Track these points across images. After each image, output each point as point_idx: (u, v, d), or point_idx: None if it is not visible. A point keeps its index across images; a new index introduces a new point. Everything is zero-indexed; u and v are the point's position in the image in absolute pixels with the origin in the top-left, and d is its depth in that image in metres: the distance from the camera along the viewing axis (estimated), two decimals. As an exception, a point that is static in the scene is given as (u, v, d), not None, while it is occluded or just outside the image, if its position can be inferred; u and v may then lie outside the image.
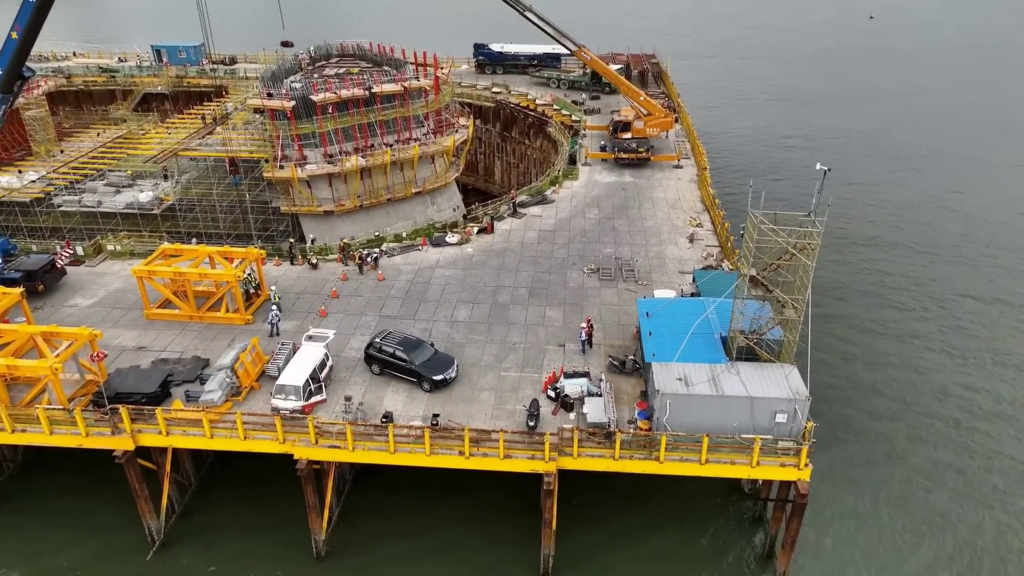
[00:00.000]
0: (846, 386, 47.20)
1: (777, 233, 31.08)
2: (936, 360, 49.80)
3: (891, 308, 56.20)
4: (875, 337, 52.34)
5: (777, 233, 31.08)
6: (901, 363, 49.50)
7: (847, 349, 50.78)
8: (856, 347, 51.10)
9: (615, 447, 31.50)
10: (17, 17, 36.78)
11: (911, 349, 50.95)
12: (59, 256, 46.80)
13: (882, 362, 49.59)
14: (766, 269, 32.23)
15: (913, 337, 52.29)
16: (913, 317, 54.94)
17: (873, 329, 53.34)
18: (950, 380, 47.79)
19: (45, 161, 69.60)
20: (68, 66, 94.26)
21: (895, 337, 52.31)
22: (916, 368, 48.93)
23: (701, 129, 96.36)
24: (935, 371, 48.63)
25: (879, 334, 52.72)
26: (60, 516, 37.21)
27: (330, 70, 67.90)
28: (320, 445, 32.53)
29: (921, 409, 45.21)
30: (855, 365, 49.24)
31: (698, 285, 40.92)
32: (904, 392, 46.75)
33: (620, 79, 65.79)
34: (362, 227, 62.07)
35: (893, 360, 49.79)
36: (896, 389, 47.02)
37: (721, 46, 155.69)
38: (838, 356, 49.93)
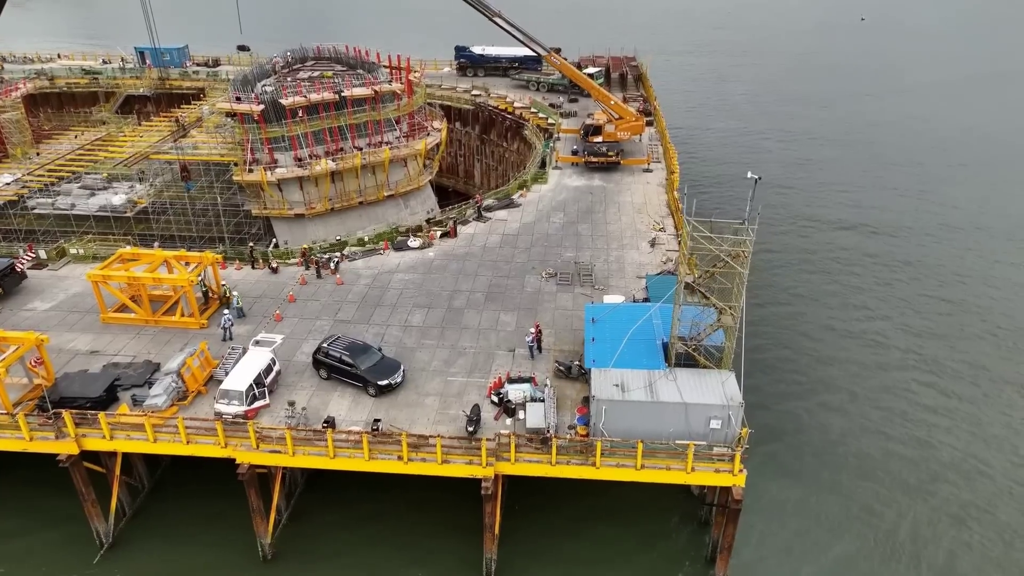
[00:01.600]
0: (791, 386, 47.70)
1: (711, 240, 31.29)
2: (881, 358, 50.83)
3: (851, 308, 56.87)
4: (825, 337, 53.05)
5: (711, 240, 31.29)
6: (847, 360, 50.33)
7: (798, 349, 51.42)
8: (804, 348, 51.75)
9: (551, 452, 31.76)
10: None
11: (856, 347, 51.76)
12: (20, 260, 47.16)
13: (831, 359, 50.39)
14: (702, 276, 32.41)
15: (858, 336, 53.13)
16: (859, 317, 55.80)
17: (824, 329, 53.91)
18: (893, 378, 48.55)
19: (21, 163, 70.00)
20: (51, 68, 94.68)
21: (841, 335, 53.21)
22: (863, 366, 49.78)
23: (680, 131, 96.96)
24: (880, 368, 49.52)
25: (829, 335, 53.40)
26: (14, 516, 37.50)
27: (304, 73, 68.27)
28: (262, 450, 32.83)
29: (868, 407, 45.92)
30: (805, 364, 49.89)
31: (648, 290, 41.15)
32: (849, 390, 47.54)
33: (591, 83, 66.00)
34: (334, 230, 62.42)
35: (838, 357, 50.62)
36: (839, 387, 47.88)
37: (707, 48, 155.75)
38: (800, 356, 50.48)
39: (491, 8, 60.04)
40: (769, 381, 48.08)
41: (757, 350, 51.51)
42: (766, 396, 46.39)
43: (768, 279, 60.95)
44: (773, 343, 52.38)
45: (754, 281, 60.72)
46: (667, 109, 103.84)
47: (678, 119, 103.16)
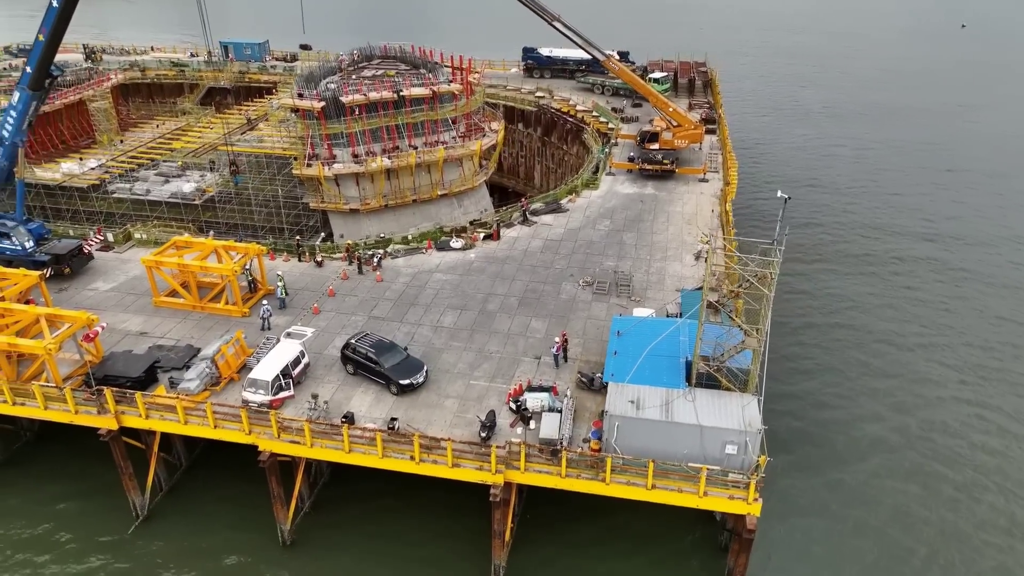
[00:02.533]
0: (834, 410, 45.69)
1: (735, 260, 30.37)
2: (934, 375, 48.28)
3: (910, 326, 54.19)
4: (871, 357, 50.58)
5: (735, 260, 30.37)
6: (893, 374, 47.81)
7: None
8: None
9: (561, 465, 31.55)
10: (43, 21, 40.01)
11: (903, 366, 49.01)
12: (88, 242, 50.20)
13: (882, 381, 48.11)
14: (726, 295, 31.50)
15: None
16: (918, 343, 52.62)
17: (881, 344, 51.36)
18: (949, 411, 45.59)
19: (106, 150, 74.47)
20: (143, 60, 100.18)
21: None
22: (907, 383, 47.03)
23: (749, 137, 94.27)
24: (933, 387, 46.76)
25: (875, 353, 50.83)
26: (60, 482, 40.02)
27: (368, 72, 69.85)
28: (282, 439, 33.93)
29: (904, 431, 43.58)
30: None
31: (682, 305, 40.24)
32: (897, 419, 45.09)
33: (649, 89, 64.90)
34: (388, 226, 63.78)
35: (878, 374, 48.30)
36: (885, 414, 45.70)
37: (788, 53, 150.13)
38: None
39: (549, 12, 59.83)
40: (810, 402, 46.26)
41: (797, 360, 49.92)
42: (804, 416, 44.75)
43: (820, 289, 58.95)
44: (821, 353, 50.61)
45: (806, 290, 59.20)
46: (738, 115, 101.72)
47: (749, 125, 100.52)
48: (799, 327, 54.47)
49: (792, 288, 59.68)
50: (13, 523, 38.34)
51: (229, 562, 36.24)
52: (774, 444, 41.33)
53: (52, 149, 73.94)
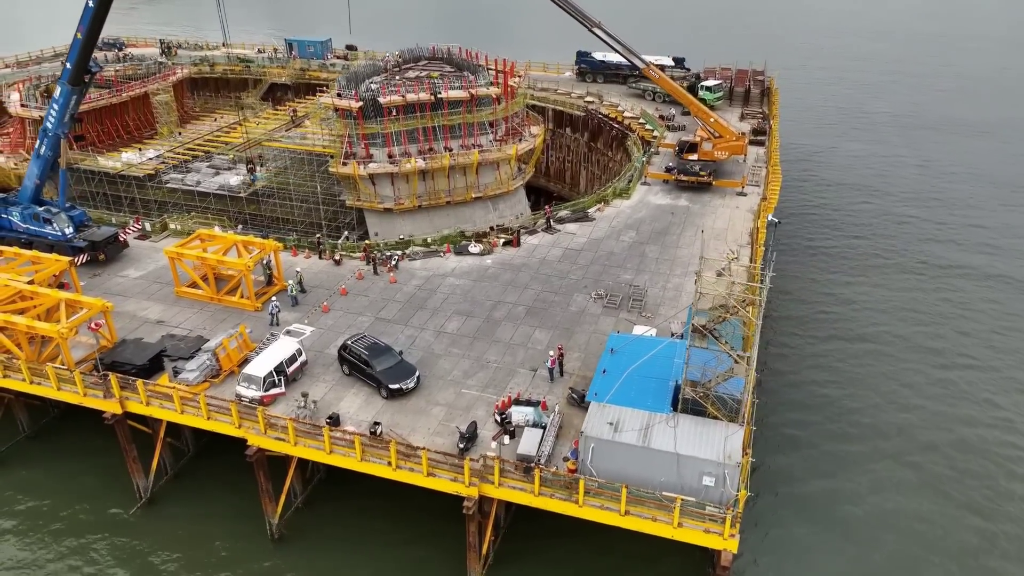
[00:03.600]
0: (844, 441, 43.08)
1: (720, 284, 29.06)
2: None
3: (946, 354, 50.44)
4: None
5: (720, 284, 29.06)
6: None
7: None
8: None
9: (534, 482, 30.95)
10: (80, 21, 42.10)
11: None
12: (125, 230, 52.52)
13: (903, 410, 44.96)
14: (713, 320, 30.18)
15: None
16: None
17: (914, 374, 48.12)
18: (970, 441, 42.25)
19: (165, 141, 77.86)
20: (213, 55, 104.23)
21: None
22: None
23: (807, 148, 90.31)
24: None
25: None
26: (72, 460, 42.00)
27: (412, 72, 70.56)
28: (269, 435, 34.58)
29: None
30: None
31: (687, 325, 38.77)
32: (910, 456, 42.03)
33: (690, 98, 63.01)
34: (421, 226, 64.27)
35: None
36: (893, 449, 42.43)
37: (863, 60, 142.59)
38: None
39: (590, 18, 58.89)
40: (822, 430, 43.95)
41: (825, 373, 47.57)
42: (809, 447, 42.64)
43: (850, 312, 56.11)
44: (852, 372, 48.21)
45: (834, 312, 56.48)
46: (798, 126, 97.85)
47: (808, 136, 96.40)
48: (825, 338, 52.31)
49: (824, 302, 57.33)
50: (31, 493, 40.59)
51: (217, 550, 37.22)
52: (778, 473, 39.81)
53: (117, 139, 77.72)
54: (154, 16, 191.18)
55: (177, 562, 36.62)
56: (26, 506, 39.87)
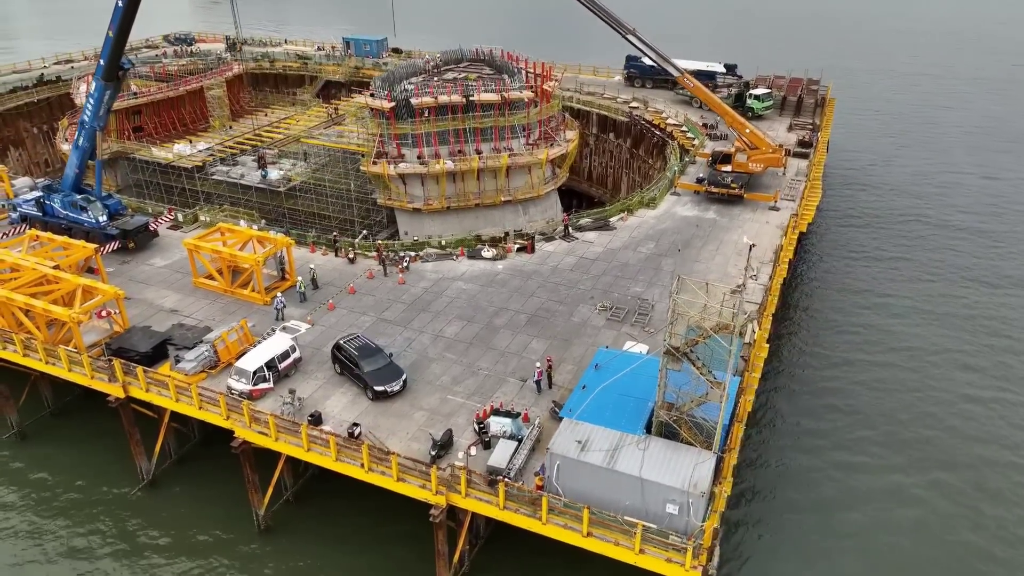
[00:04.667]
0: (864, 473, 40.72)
1: (693, 307, 27.99)
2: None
3: (979, 377, 47.11)
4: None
5: (693, 307, 27.99)
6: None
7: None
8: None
9: (499, 495, 30.61)
10: (111, 20, 44.03)
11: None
12: (157, 220, 54.69)
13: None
14: (688, 342, 29.10)
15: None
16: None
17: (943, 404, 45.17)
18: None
19: (217, 135, 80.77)
20: (274, 52, 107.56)
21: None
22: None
23: (861, 163, 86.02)
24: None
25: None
26: (100, 437, 43.90)
27: (451, 74, 70.87)
28: (253, 429, 35.37)
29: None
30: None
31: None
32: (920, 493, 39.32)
33: (725, 108, 61.00)
34: (450, 227, 64.60)
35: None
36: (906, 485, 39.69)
37: (939, 71, 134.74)
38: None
39: (624, 25, 57.78)
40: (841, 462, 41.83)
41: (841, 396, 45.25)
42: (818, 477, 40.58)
43: (885, 325, 53.35)
44: (879, 392, 45.90)
45: (873, 325, 53.80)
46: (855, 137, 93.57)
47: (865, 148, 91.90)
48: (842, 362, 49.91)
49: (857, 316, 54.87)
50: (45, 466, 42.91)
51: (206, 534, 38.39)
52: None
53: (172, 131, 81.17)
54: (228, 13, 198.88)
55: (165, 542, 38.02)
56: (38, 477, 42.15)
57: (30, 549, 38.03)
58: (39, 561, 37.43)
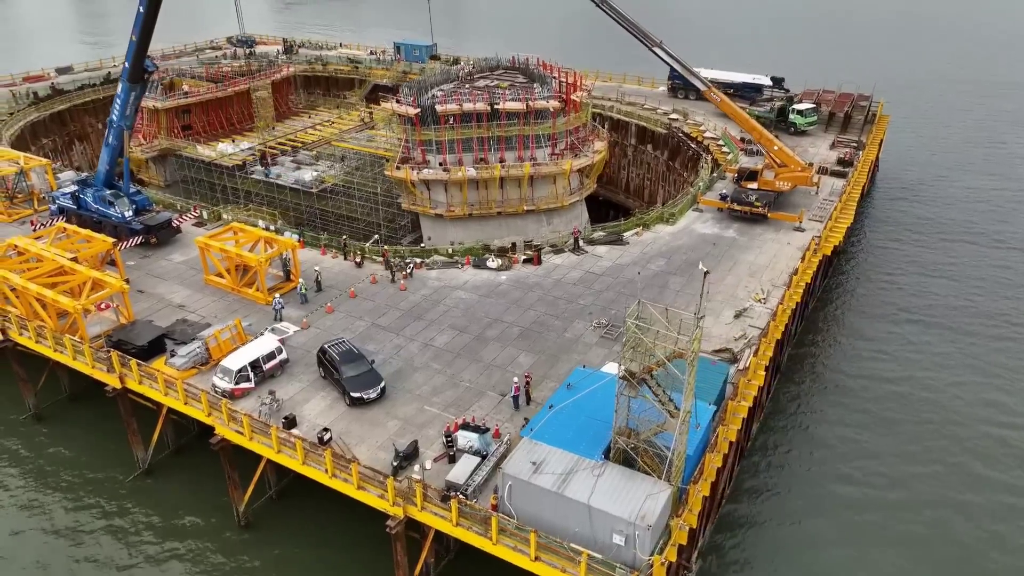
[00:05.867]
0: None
1: (646, 332, 26.99)
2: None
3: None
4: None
5: (646, 332, 26.99)
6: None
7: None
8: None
9: (452, 511, 30.26)
10: (133, 25, 45.87)
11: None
12: (181, 217, 56.63)
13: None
14: (643, 370, 28.06)
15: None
16: None
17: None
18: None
19: (260, 135, 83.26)
20: (327, 55, 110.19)
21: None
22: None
23: (911, 182, 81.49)
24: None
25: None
26: (113, 421, 45.60)
27: (483, 82, 70.94)
28: (230, 427, 36.10)
29: None
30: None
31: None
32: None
33: (753, 123, 58.92)
34: (472, 234, 64.71)
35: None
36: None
37: (1011, 86, 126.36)
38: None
39: (651, 37, 56.60)
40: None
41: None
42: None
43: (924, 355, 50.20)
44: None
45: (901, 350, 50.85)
46: (909, 154, 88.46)
47: (919, 165, 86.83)
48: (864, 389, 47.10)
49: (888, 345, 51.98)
50: (53, 447, 44.85)
51: (188, 524, 39.30)
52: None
53: (220, 130, 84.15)
54: (307, 16, 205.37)
55: (147, 526, 39.17)
56: (45, 455, 44.18)
57: (27, 519, 39.91)
58: (35, 530, 39.27)
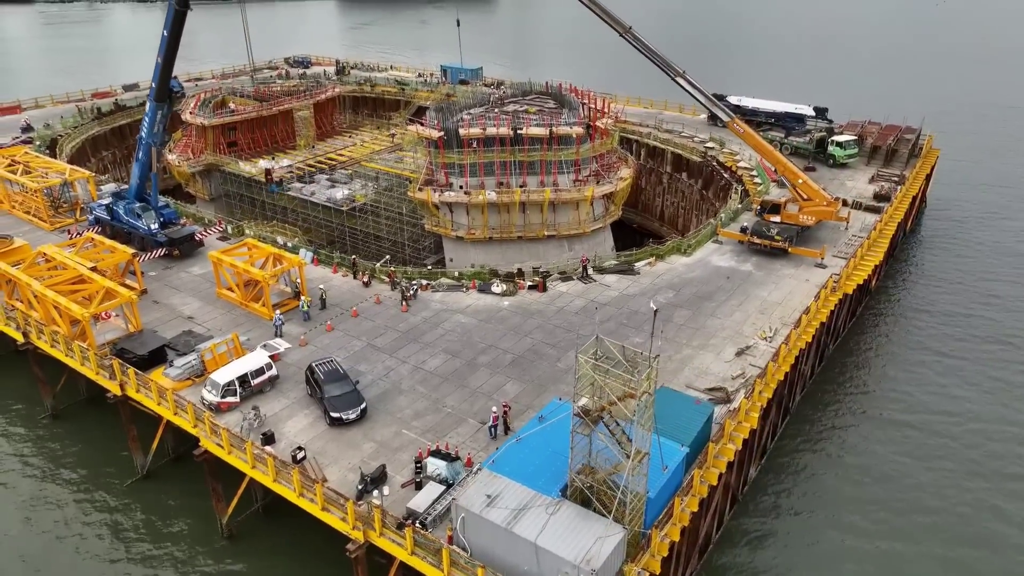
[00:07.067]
0: None
1: (598, 370, 26.22)
2: None
3: None
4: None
5: (598, 370, 26.22)
6: None
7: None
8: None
9: (407, 539, 29.94)
10: (159, 48, 47.97)
11: None
12: (205, 231, 58.52)
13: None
14: (597, 409, 27.23)
15: None
16: None
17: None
18: None
19: (301, 153, 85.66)
20: (377, 76, 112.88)
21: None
22: None
23: (958, 218, 77.27)
24: None
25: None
26: (114, 428, 47.33)
27: (512, 106, 71.27)
28: (212, 439, 36.79)
29: None
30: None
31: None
32: None
33: (777, 156, 57.17)
34: (493, 258, 64.80)
35: None
36: None
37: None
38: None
39: (674, 67, 55.77)
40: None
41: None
42: None
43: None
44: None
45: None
46: (964, 191, 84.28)
47: (973, 203, 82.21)
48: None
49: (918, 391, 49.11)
50: (62, 446, 46.68)
51: (171, 532, 40.12)
52: None
53: (263, 147, 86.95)
54: (376, 36, 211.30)
55: (131, 530, 40.28)
56: (53, 453, 46.00)
57: (20, 513, 41.65)
58: (27, 524, 40.96)
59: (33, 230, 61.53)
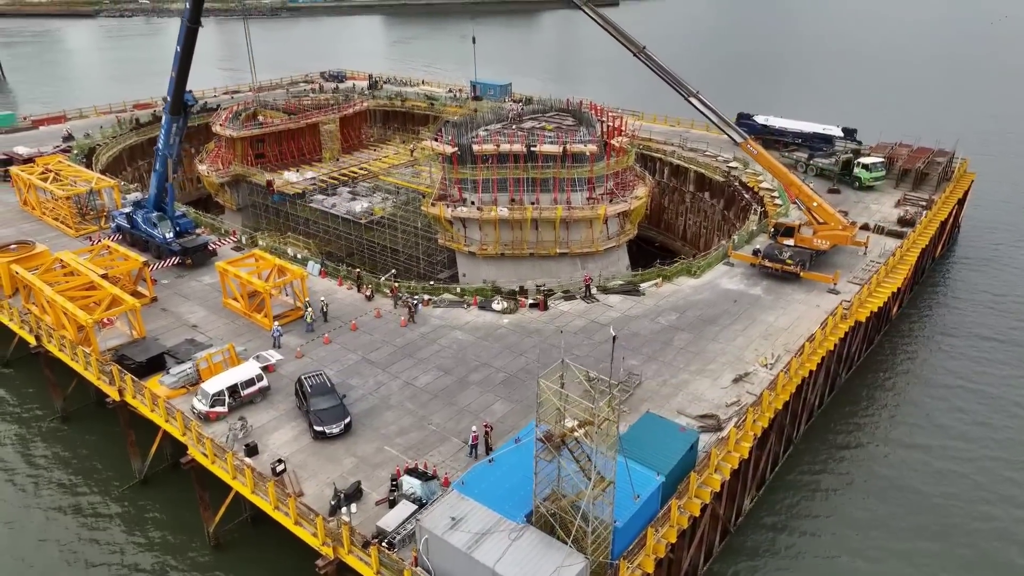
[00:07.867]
0: None
1: (560, 397, 25.65)
2: None
3: None
4: None
5: (560, 397, 25.65)
6: None
7: None
8: None
9: (372, 558, 29.69)
10: (173, 63, 49.22)
11: None
12: (219, 241, 59.59)
13: None
14: (559, 436, 26.62)
15: None
16: None
17: None
18: None
19: (325, 165, 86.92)
20: (407, 91, 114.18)
21: None
22: None
23: (990, 242, 74.18)
24: None
25: None
26: (118, 432, 48.37)
27: (530, 123, 71.16)
28: (197, 448, 37.18)
29: None
30: None
31: (632, 428, 34.48)
32: None
33: (791, 178, 55.68)
34: (505, 274, 64.66)
35: None
36: None
37: None
38: None
39: (687, 87, 54.98)
40: None
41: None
42: None
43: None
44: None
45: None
46: (999, 217, 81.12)
47: (1009, 230, 78.94)
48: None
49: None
50: (67, 448, 47.73)
51: (160, 538, 40.62)
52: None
53: (290, 160, 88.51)
54: (414, 49, 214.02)
55: (121, 532, 40.97)
56: (56, 455, 47.16)
57: (15, 512, 42.76)
58: (20, 523, 42.03)
59: (59, 236, 63.54)
